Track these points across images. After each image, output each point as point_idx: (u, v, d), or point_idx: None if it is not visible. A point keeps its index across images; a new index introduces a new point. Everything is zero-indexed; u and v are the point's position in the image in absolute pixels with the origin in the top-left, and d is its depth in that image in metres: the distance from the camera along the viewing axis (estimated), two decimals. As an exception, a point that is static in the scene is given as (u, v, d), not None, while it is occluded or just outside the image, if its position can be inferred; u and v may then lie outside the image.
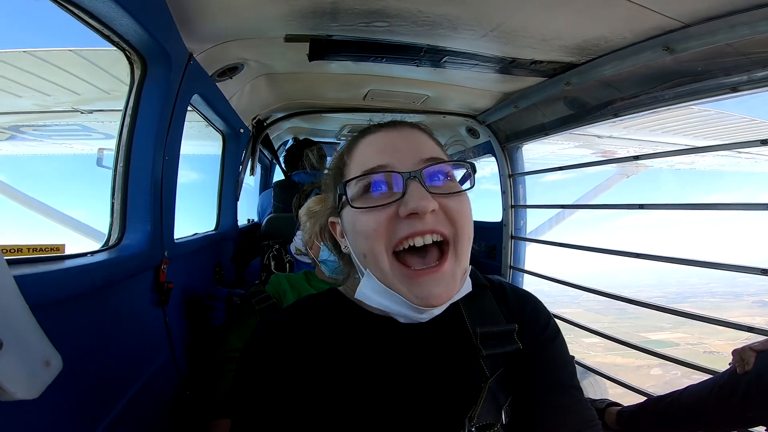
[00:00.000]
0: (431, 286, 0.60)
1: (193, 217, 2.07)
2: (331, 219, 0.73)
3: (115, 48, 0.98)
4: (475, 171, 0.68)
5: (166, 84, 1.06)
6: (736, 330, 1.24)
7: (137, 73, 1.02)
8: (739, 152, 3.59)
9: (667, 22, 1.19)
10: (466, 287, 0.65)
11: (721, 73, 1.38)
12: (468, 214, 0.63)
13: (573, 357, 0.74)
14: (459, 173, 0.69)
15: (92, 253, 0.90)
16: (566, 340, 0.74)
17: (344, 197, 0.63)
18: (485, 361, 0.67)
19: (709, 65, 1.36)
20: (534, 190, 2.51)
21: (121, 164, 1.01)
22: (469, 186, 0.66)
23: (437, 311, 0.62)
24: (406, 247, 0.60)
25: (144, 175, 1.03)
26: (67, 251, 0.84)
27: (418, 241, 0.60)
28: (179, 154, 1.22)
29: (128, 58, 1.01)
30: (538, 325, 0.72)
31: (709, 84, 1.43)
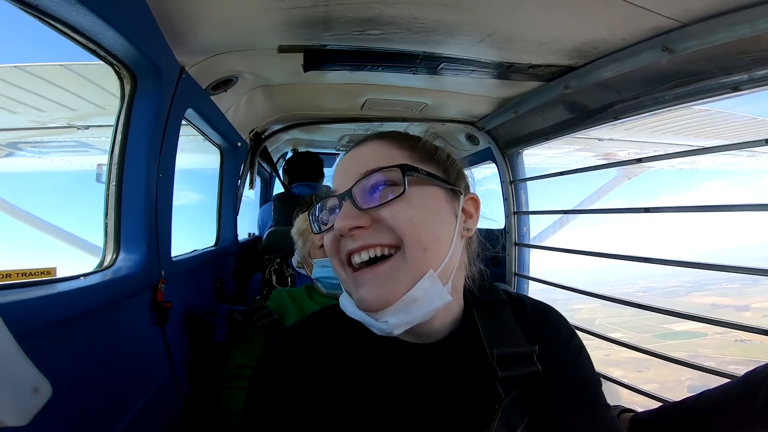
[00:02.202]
0: (368, 288, 0.59)
1: (202, 231, 2.04)
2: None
3: (103, 62, 0.96)
4: (405, 174, 0.60)
5: (157, 98, 1.04)
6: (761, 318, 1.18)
7: (127, 87, 1.00)
8: (741, 151, 3.56)
9: (666, 22, 1.17)
10: (434, 295, 0.59)
11: (721, 73, 1.36)
12: (408, 218, 0.58)
13: (599, 375, 0.70)
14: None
15: (85, 275, 0.87)
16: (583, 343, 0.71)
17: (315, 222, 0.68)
18: (501, 383, 0.63)
19: (709, 65, 1.34)
20: (535, 188, 2.47)
21: (113, 183, 0.98)
22: (400, 191, 0.59)
23: (394, 322, 0.58)
24: (357, 262, 0.61)
25: (138, 193, 1.01)
26: (68, 268, 0.82)
27: (357, 258, 0.61)
28: (174, 170, 1.20)
29: (117, 73, 0.99)
30: (559, 341, 0.69)
31: (710, 84, 1.41)
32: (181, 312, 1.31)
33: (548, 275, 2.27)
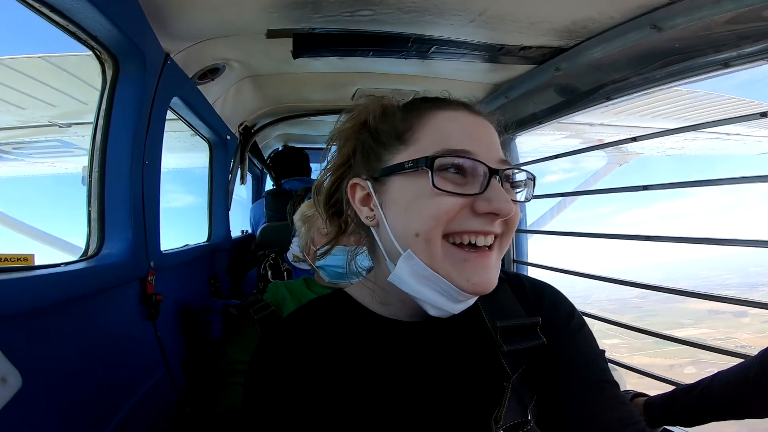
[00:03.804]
0: (482, 271, 0.58)
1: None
2: (354, 180, 0.65)
3: (84, 47, 0.92)
4: (535, 185, 0.66)
5: (141, 85, 1.01)
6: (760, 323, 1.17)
7: (109, 73, 0.96)
8: (728, 135, 3.61)
9: (653, 0, 1.17)
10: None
11: (711, 50, 1.36)
12: (514, 229, 0.62)
13: (604, 351, 0.69)
14: None
15: (66, 263, 0.84)
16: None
17: (426, 167, 0.57)
18: (506, 359, 0.62)
19: (698, 42, 1.34)
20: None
21: (96, 170, 0.94)
22: (528, 199, 0.66)
23: (471, 302, 0.61)
24: (465, 242, 0.57)
25: (122, 180, 0.97)
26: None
27: (480, 241, 0.58)
28: (161, 158, 1.16)
29: (98, 57, 0.95)
30: (559, 318, 0.68)
31: (700, 62, 1.41)
32: (173, 307, 1.28)
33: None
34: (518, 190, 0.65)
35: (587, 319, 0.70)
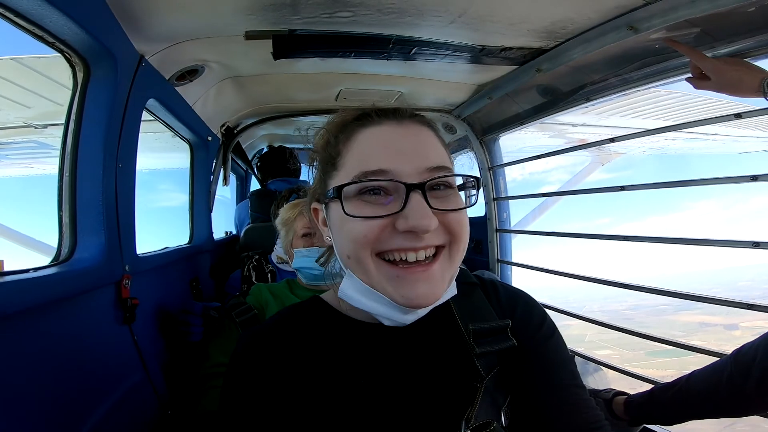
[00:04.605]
0: (418, 285, 0.57)
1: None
2: (314, 205, 0.69)
3: (53, 50, 0.90)
4: (479, 186, 0.65)
5: (113, 87, 0.99)
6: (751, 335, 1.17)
7: (80, 75, 0.95)
8: (707, 134, 3.69)
9: (629, 0, 1.19)
10: (452, 290, 0.64)
11: (686, 52, 1.39)
12: (467, 223, 0.61)
13: (573, 356, 0.71)
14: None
15: (36, 269, 0.82)
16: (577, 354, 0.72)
17: (336, 197, 0.59)
18: (479, 360, 0.64)
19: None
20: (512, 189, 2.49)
21: (67, 173, 0.92)
22: (471, 203, 0.64)
23: (422, 312, 0.61)
24: (397, 258, 0.58)
25: (94, 184, 0.95)
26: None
27: (411, 257, 0.57)
28: (135, 160, 1.14)
29: (68, 60, 0.93)
30: (532, 323, 0.70)
31: (676, 63, 1.44)
32: (151, 310, 1.27)
33: (534, 292, 2.19)
34: (470, 193, 0.64)
35: (585, 324, 0.72)
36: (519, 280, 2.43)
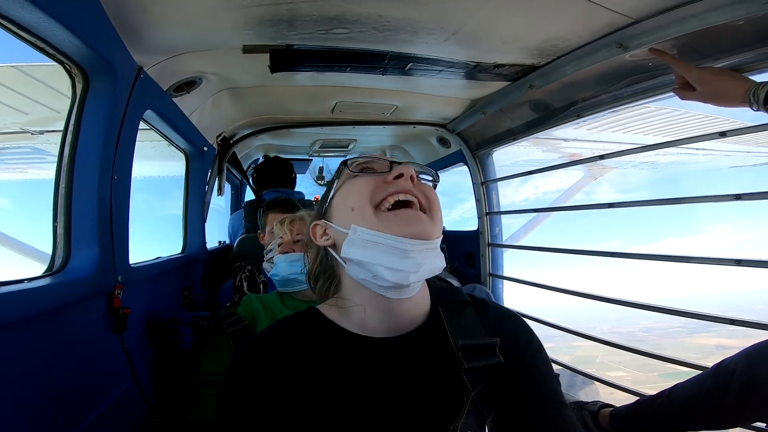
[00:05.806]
0: (413, 219, 0.66)
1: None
2: (315, 222, 0.78)
3: (53, 61, 0.91)
4: (437, 180, 0.81)
5: (111, 99, 1.00)
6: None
7: (79, 86, 0.96)
8: (698, 149, 3.75)
9: (619, 19, 1.22)
10: (442, 261, 0.70)
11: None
12: (438, 205, 0.71)
13: (558, 374, 0.74)
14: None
15: (30, 279, 0.83)
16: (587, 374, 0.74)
17: (344, 168, 0.75)
18: (467, 375, 0.67)
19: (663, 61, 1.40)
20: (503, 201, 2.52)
21: (63, 184, 0.93)
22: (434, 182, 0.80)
23: (416, 289, 0.69)
24: (391, 203, 0.68)
25: (89, 196, 0.96)
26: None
27: (401, 197, 0.68)
28: (131, 172, 1.14)
29: (68, 71, 0.94)
30: (519, 342, 0.73)
31: (665, 80, 1.47)
32: (142, 319, 1.26)
33: (540, 312, 2.09)
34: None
35: (595, 344, 0.76)
36: (527, 300, 2.45)
